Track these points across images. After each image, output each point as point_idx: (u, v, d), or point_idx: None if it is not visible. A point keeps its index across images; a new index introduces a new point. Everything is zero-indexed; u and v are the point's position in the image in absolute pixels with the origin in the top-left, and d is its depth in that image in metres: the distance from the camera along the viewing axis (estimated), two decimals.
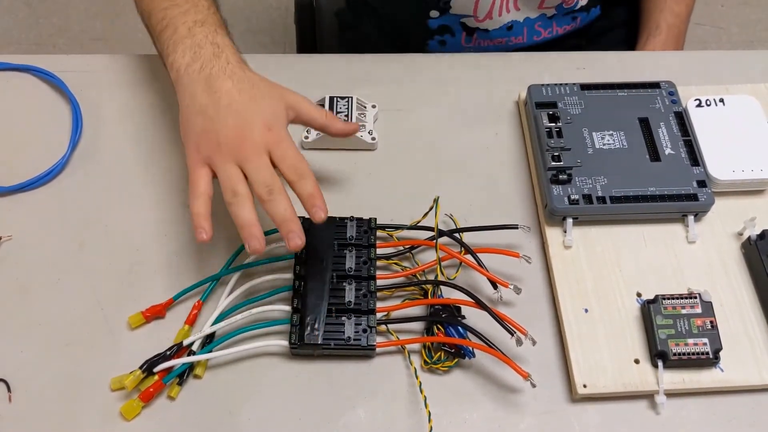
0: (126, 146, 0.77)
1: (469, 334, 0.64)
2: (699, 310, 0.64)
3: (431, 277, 0.68)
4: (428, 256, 0.70)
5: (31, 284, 0.68)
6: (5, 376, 0.63)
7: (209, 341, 0.64)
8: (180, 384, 0.62)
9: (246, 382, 0.63)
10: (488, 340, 0.63)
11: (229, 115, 0.63)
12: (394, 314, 0.66)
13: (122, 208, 0.72)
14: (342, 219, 0.69)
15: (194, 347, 0.63)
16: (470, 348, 0.63)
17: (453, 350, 0.64)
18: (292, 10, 1.12)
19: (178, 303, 0.67)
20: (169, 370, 0.62)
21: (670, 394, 0.63)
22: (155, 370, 0.62)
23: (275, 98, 0.66)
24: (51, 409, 0.62)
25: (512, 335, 0.62)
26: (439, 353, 0.64)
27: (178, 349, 0.63)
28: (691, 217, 0.70)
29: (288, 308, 0.64)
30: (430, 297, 0.67)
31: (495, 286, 0.64)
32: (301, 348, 0.63)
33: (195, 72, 0.65)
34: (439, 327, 0.65)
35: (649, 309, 0.64)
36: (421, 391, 0.62)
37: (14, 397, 0.62)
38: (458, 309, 0.66)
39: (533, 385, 0.61)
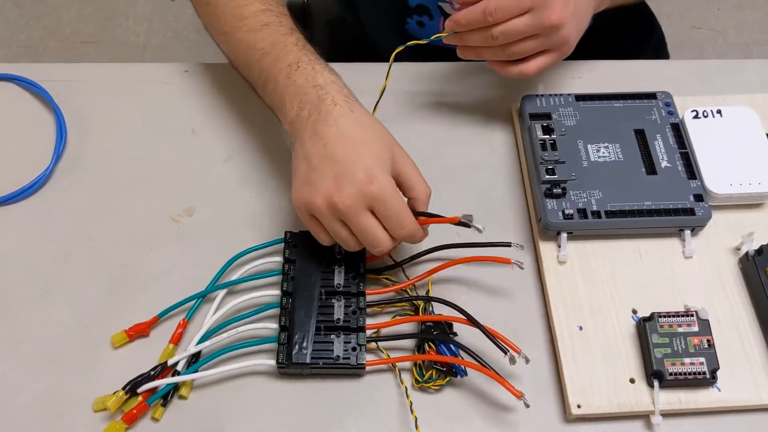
0: (112, 157, 0.75)
1: (462, 352, 0.63)
2: (696, 329, 0.62)
3: (422, 291, 0.67)
4: (419, 269, 0.68)
5: (13, 299, 0.66)
6: None
7: (195, 361, 0.62)
8: (164, 405, 0.61)
9: (232, 403, 0.62)
10: (481, 359, 0.61)
11: (331, 166, 0.59)
12: (385, 331, 0.65)
13: (107, 221, 0.71)
14: None
15: (179, 367, 0.62)
16: (462, 366, 0.62)
17: (445, 368, 0.62)
18: None
19: (163, 321, 0.65)
20: (153, 390, 0.60)
21: (667, 414, 0.61)
22: (139, 390, 0.60)
23: (382, 145, 0.61)
24: (33, 429, 0.60)
25: (506, 354, 0.60)
26: (430, 371, 0.63)
27: (163, 369, 0.61)
28: (687, 232, 0.69)
29: (275, 326, 0.63)
30: (421, 313, 0.65)
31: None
32: (288, 367, 0.61)
33: (304, 120, 0.62)
34: (431, 345, 0.63)
35: (644, 327, 0.63)
36: (412, 411, 0.61)
37: None
38: (450, 326, 0.65)
39: (527, 405, 0.60)
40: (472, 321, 0.63)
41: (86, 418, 0.60)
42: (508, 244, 0.66)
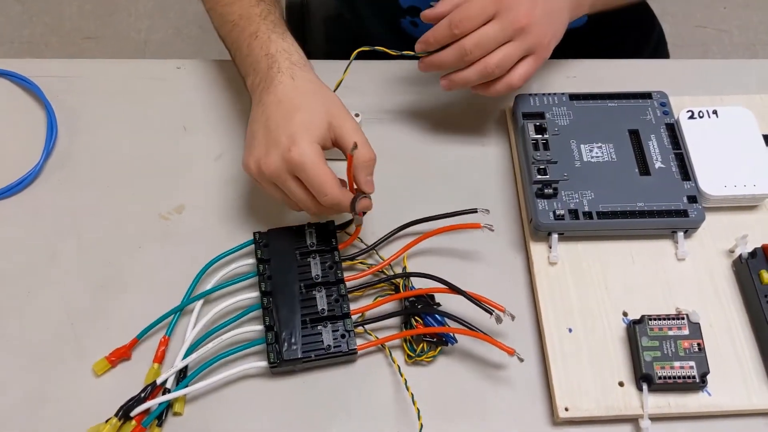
0: (102, 154, 0.75)
1: (448, 321, 0.63)
2: (686, 332, 0.61)
3: (398, 269, 0.67)
4: (392, 248, 0.68)
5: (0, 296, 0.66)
6: None
7: (183, 376, 0.61)
8: (160, 425, 0.60)
9: (229, 410, 0.61)
10: (468, 323, 0.62)
11: (264, 133, 0.62)
12: (369, 313, 0.65)
13: (97, 218, 0.71)
14: (299, 227, 0.67)
15: (168, 384, 0.60)
16: (451, 334, 0.63)
17: (435, 339, 0.63)
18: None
19: (143, 341, 0.64)
20: (146, 412, 0.59)
21: (655, 418, 0.61)
22: (132, 414, 0.59)
23: (315, 110, 0.63)
24: (18, 424, 0.60)
25: (491, 314, 0.61)
26: (421, 345, 0.63)
27: (153, 389, 0.60)
28: (680, 234, 0.68)
29: (260, 327, 0.62)
30: (402, 290, 0.65)
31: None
32: (281, 365, 0.61)
33: (256, 89, 0.66)
34: (417, 318, 0.63)
35: (634, 330, 0.62)
36: (408, 388, 0.61)
37: None
38: (432, 297, 0.65)
39: (521, 360, 0.60)
40: (453, 288, 0.63)
41: None
42: (474, 211, 0.66)
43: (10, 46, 1.81)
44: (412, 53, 0.68)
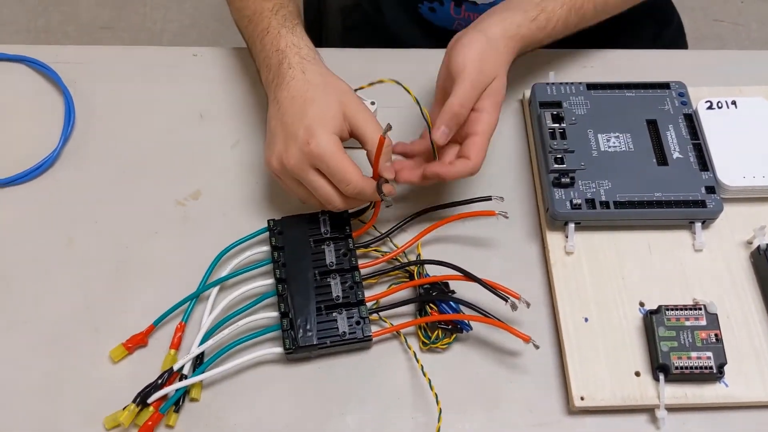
0: (119, 140, 0.75)
1: (462, 308, 0.63)
2: (704, 322, 0.61)
3: (412, 257, 0.67)
4: (406, 237, 0.68)
5: (16, 281, 0.67)
6: None
7: (200, 362, 0.61)
8: (177, 411, 0.60)
9: (245, 395, 0.61)
10: (484, 310, 0.62)
11: (281, 129, 0.63)
12: (383, 301, 0.65)
13: (113, 203, 0.71)
14: (313, 215, 0.67)
15: (185, 370, 0.61)
16: (466, 321, 0.63)
17: (450, 326, 0.63)
18: None
19: (159, 328, 0.64)
20: (164, 398, 0.59)
21: (672, 409, 0.60)
22: (149, 400, 0.59)
23: (328, 102, 0.62)
24: (35, 408, 0.61)
25: (506, 301, 0.61)
26: (436, 332, 0.63)
27: (170, 376, 0.60)
28: (698, 225, 0.67)
29: (275, 314, 0.63)
30: (416, 278, 0.65)
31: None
32: (296, 352, 0.61)
33: (270, 85, 0.66)
34: (432, 306, 0.63)
35: (651, 320, 0.61)
36: (425, 374, 0.61)
37: None
38: (446, 285, 0.65)
39: (536, 347, 0.60)
40: (468, 275, 0.63)
41: None
42: (488, 198, 0.66)
43: (27, 35, 1.81)
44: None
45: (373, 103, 0.76)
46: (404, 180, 0.66)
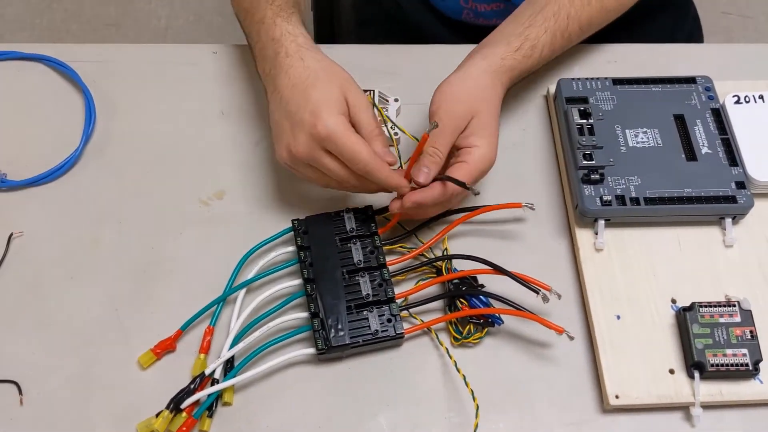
0: (141, 139, 0.74)
1: (493, 301, 0.63)
2: (738, 319, 0.61)
3: (437, 254, 0.67)
4: (431, 233, 0.68)
5: (42, 282, 0.66)
6: (16, 377, 0.61)
7: (231, 365, 0.61)
8: (210, 416, 0.59)
9: (278, 398, 0.61)
10: (515, 303, 0.62)
11: (286, 118, 0.62)
12: (412, 297, 0.64)
13: (137, 203, 0.70)
14: (338, 213, 0.66)
15: (217, 375, 0.60)
16: (498, 315, 0.62)
17: (481, 321, 0.63)
18: None
19: (187, 332, 0.63)
20: (196, 404, 0.59)
21: (707, 406, 0.60)
22: (182, 406, 0.58)
23: (330, 85, 0.63)
24: (63, 411, 0.60)
25: (537, 293, 0.61)
26: (467, 327, 0.63)
27: (201, 380, 0.59)
28: (728, 220, 0.67)
29: (305, 315, 0.62)
30: (444, 273, 0.65)
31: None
32: (329, 352, 0.61)
33: (267, 76, 0.66)
34: (462, 300, 0.63)
35: (685, 317, 0.61)
36: (459, 370, 0.60)
37: (25, 400, 0.60)
38: (475, 279, 0.65)
39: (571, 338, 0.60)
40: (497, 269, 0.63)
41: None
42: (517, 205, 0.65)
43: (31, 32, 1.80)
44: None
45: (396, 100, 0.75)
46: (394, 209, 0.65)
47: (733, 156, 0.68)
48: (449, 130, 0.64)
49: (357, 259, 0.64)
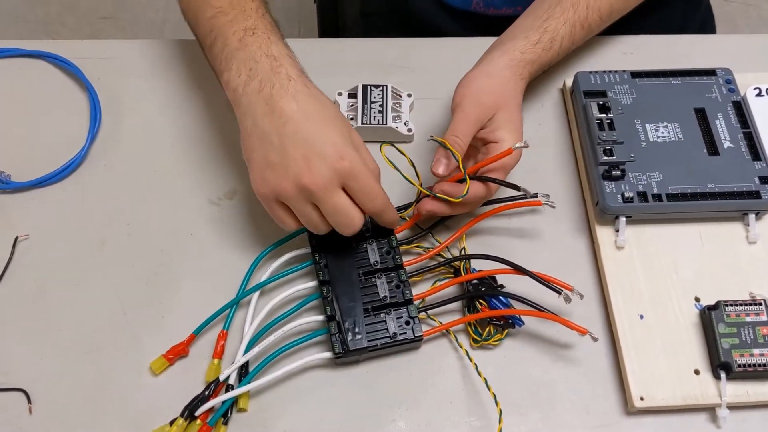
0: (149, 137, 0.72)
1: (513, 302, 0.61)
2: (764, 318, 0.59)
3: (454, 253, 0.66)
4: (447, 233, 0.66)
5: (49, 287, 0.64)
6: (24, 385, 0.59)
7: (245, 371, 0.59)
8: (225, 423, 0.58)
9: (294, 403, 0.59)
10: (537, 304, 0.61)
11: (297, 146, 0.56)
12: (430, 299, 0.63)
13: (145, 204, 0.68)
14: None
15: (231, 380, 0.59)
16: (518, 316, 0.61)
17: (502, 322, 0.61)
18: None
19: (200, 336, 0.62)
20: (211, 410, 0.57)
21: (732, 407, 0.59)
22: (197, 413, 0.57)
23: (342, 121, 0.59)
24: (73, 419, 0.58)
25: (559, 294, 0.59)
26: (487, 328, 0.62)
27: (216, 386, 0.58)
28: (752, 216, 0.65)
29: (321, 318, 0.61)
30: (463, 273, 0.63)
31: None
32: (347, 356, 0.59)
33: (254, 92, 0.59)
34: (482, 301, 0.62)
35: (710, 316, 0.60)
36: (480, 373, 0.59)
37: (34, 408, 0.59)
38: (494, 279, 0.63)
39: (594, 339, 0.59)
40: (517, 269, 0.61)
41: None
42: (537, 203, 0.63)
43: (25, 26, 1.77)
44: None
45: (410, 95, 0.73)
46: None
47: (756, 150, 0.67)
48: (472, 119, 0.63)
49: (373, 260, 0.63)
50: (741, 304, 0.60)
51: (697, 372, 0.60)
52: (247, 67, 0.60)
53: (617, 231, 0.65)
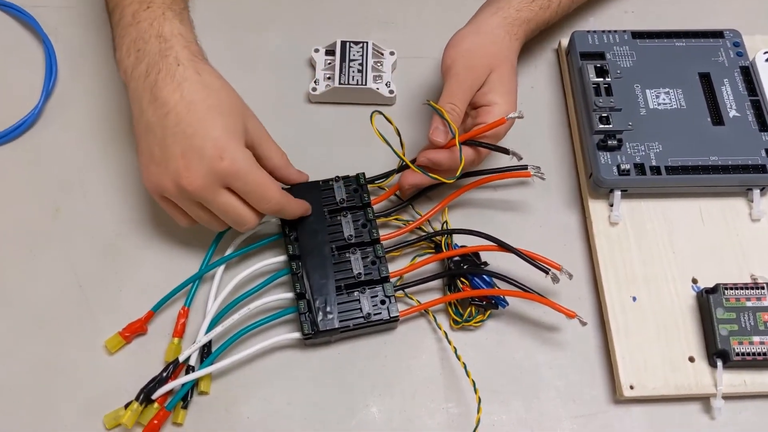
0: (109, 95, 0.67)
1: (497, 281, 0.57)
2: (767, 303, 0.55)
3: (436, 226, 0.61)
4: (430, 204, 0.62)
5: (0, 256, 0.59)
6: None
7: (207, 351, 0.55)
8: (185, 407, 0.54)
9: (259, 386, 0.56)
10: (522, 284, 0.57)
11: (177, 141, 0.52)
12: (408, 276, 0.59)
13: (103, 168, 0.64)
14: (326, 181, 0.60)
15: (192, 361, 0.55)
16: (502, 297, 0.57)
17: (484, 302, 0.58)
18: None
19: (159, 313, 0.57)
20: (170, 393, 0.53)
21: (728, 397, 0.55)
22: (154, 397, 0.53)
23: (233, 113, 0.54)
24: (22, 399, 0.55)
25: (547, 273, 0.55)
26: (468, 309, 0.58)
27: (175, 368, 0.54)
28: (756, 191, 0.61)
29: (290, 295, 0.56)
30: (445, 249, 0.59)
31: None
32: (316, 337, 0.55)
33: (141, 77, 0.54)
34: (463, 280, 0.58)
35: (708, 300, 0.56)
36: (459, 357, 0.55)
37: None
38: (477, 256, 0.59)
39: (583, 323, 0.55)
40: (503, 246, 0.57)
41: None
42: (524, 167, 0.59)
43: None
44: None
45: (392, 53, 0.68)
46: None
47: (763, 120, 0.62)
48: (467, 84, 0.58)
49: (348, 234, 0.58)
50: (741, 288, 0.56)
51: (691, 359, 0.56)
52: (136, 47, 0.55)
53: (611, 206, 0.61)
